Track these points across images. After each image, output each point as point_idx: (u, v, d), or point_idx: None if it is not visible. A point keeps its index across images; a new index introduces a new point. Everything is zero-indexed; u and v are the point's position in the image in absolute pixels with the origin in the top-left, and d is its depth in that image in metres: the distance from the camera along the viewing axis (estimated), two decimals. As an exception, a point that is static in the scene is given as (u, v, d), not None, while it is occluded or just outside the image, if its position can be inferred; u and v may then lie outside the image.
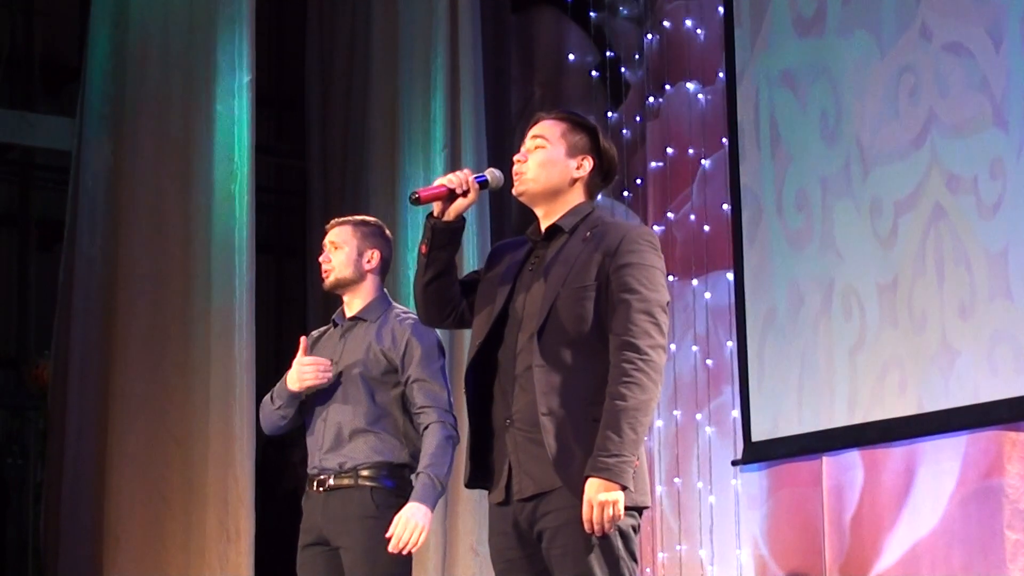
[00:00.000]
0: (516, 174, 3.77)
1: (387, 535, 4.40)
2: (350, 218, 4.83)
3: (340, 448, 4.58)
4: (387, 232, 4.83)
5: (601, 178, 3.82)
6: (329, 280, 4.74)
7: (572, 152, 3.76)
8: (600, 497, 3.45)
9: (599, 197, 3.92)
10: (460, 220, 3.78)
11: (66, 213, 7.50)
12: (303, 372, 4.59)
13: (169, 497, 7.10)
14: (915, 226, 6.45)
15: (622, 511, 3.47)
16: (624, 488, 3.47)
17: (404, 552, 4.39)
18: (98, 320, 7.23)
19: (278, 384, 4.69)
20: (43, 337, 8.17)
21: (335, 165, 8.54)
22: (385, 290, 4.78)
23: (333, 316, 4.81)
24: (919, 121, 6.45)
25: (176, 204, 7.32)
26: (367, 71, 8.29)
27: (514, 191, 3.78)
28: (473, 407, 3.71)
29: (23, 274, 8.62)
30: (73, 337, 7.25)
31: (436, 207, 3.75)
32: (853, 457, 6.75)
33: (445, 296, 3.81)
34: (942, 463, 6.29)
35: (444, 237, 3.75)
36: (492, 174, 3.84)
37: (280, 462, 8.53)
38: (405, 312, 4.71)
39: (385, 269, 4.77)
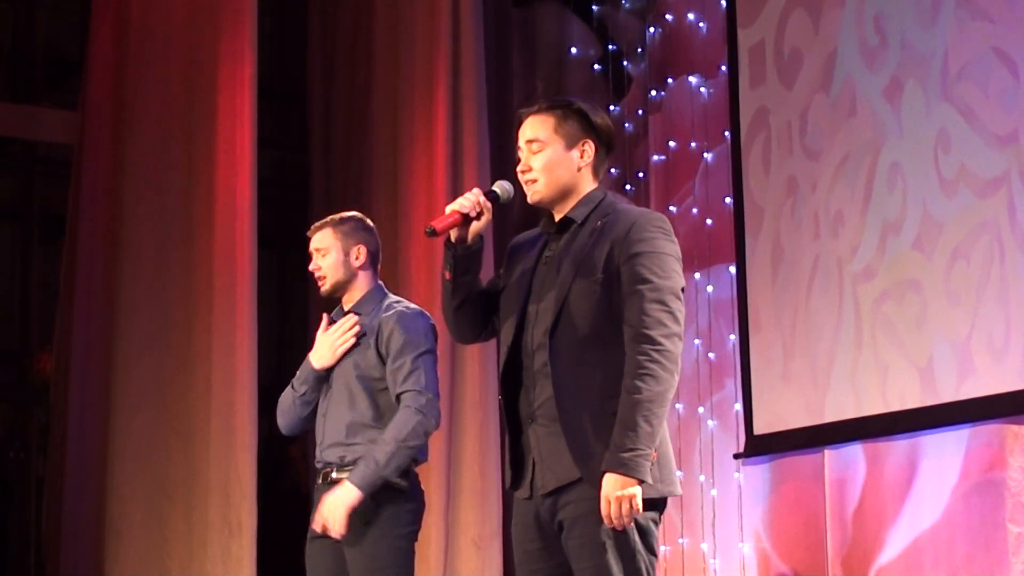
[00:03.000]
0: (526, 183, 3.72)
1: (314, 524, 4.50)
2: (328, 219, 4.78)
3: (341, 442, 4.59)
4: (368, 222, 4.79)
5: (605, 153, 3.76)
6: (325, 288, 4.73)
7: (570, 143, 3.70)
8: (617, 493, 3.44)
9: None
10: (479, 241, 3.77)
11: (68, 206, 7.49)
12: (334, 341, 4.59)
13: (171, 491, 7.10)
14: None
15: (640, 505, 3.46)
16: (641, 482, 3.45)
17: (332, 535, 4.43)
18: (100, 314, 7.23)
19: (298, 372, 4.70)
20: (45, 330, 8.17)
21: (338, 158, 8.53)
22: (380, 282, 4.77)
23: (332, 314, 4.80)
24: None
25: (178, 197, 7.32)
26: (370, 64, 8.29)
27: (529, 201, 3.75)
28: (505, 407, 3.71)
29: (25, 267, 8.61)
30: (75, 330, 7.26)
31: (453, 233, 3.74)
32: (855, 450, 6.75)
33: (476, 317, 3.81)
34: (944, 456, 6.29)
35: (466, 262, 3.76)
36: (502, 187, 3.81)
37: (281, 456, 8.53)
38: (397, 301, 4.70)
39: (375, 261, 4.74)
